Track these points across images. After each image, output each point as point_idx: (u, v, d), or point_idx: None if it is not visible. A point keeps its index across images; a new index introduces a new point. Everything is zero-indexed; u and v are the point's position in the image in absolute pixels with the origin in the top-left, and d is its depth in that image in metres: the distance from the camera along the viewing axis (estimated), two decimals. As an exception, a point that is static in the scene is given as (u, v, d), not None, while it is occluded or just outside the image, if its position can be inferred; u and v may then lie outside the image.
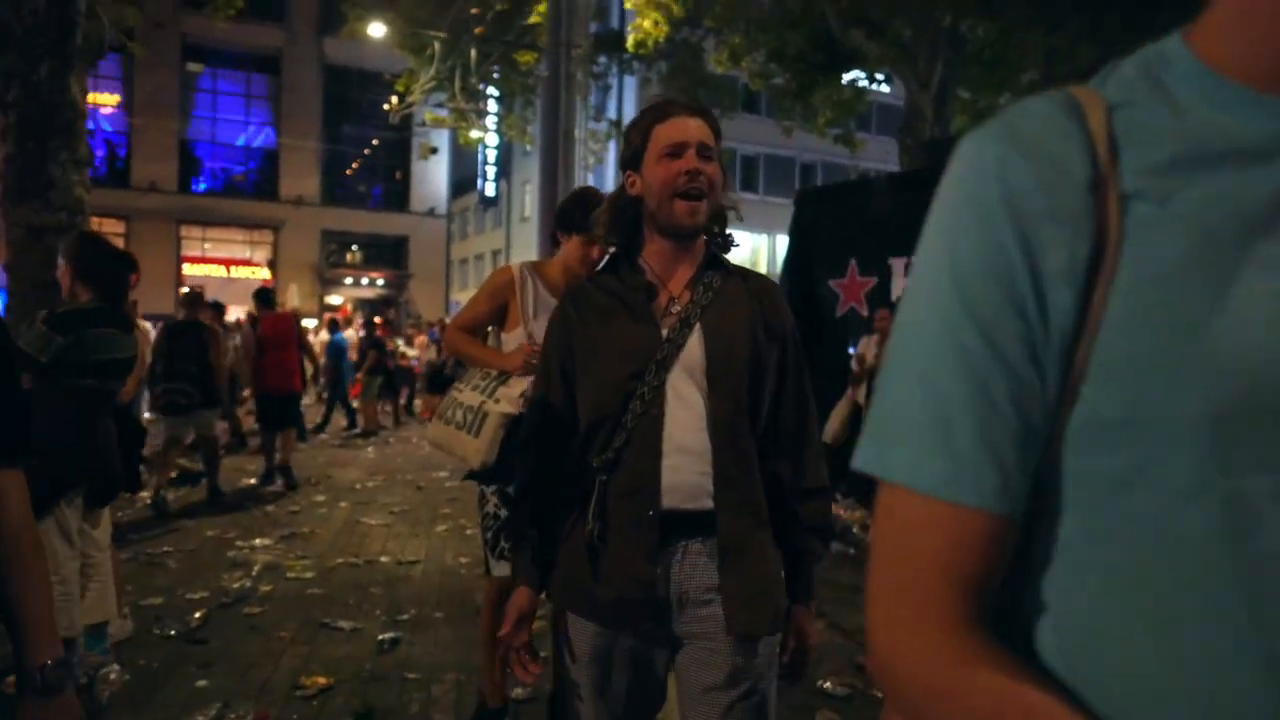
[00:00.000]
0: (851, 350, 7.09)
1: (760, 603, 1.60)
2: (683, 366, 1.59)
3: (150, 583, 4.80)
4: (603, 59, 17.20)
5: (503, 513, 2.82)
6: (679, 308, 1.64)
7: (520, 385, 2.73)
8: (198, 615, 4.26)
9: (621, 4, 17.01)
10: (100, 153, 23.33)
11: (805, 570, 1.72)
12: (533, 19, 14.72)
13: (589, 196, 2.86)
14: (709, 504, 1.58)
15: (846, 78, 12.08)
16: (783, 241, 28.93)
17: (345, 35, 17.74)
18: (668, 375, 1.59)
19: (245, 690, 3.48)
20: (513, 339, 2.86)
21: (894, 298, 6.94)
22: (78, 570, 3.45)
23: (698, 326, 1.61)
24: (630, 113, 22.71)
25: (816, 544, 1.71)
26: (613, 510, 1.59)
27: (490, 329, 3.06)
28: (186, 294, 7.80)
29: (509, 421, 2.69)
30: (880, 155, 23.89)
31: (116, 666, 3.48)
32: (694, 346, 1.60)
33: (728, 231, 1.76)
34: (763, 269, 29.63)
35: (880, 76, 12.98)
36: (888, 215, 7.22)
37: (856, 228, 7.45)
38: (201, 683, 3.53)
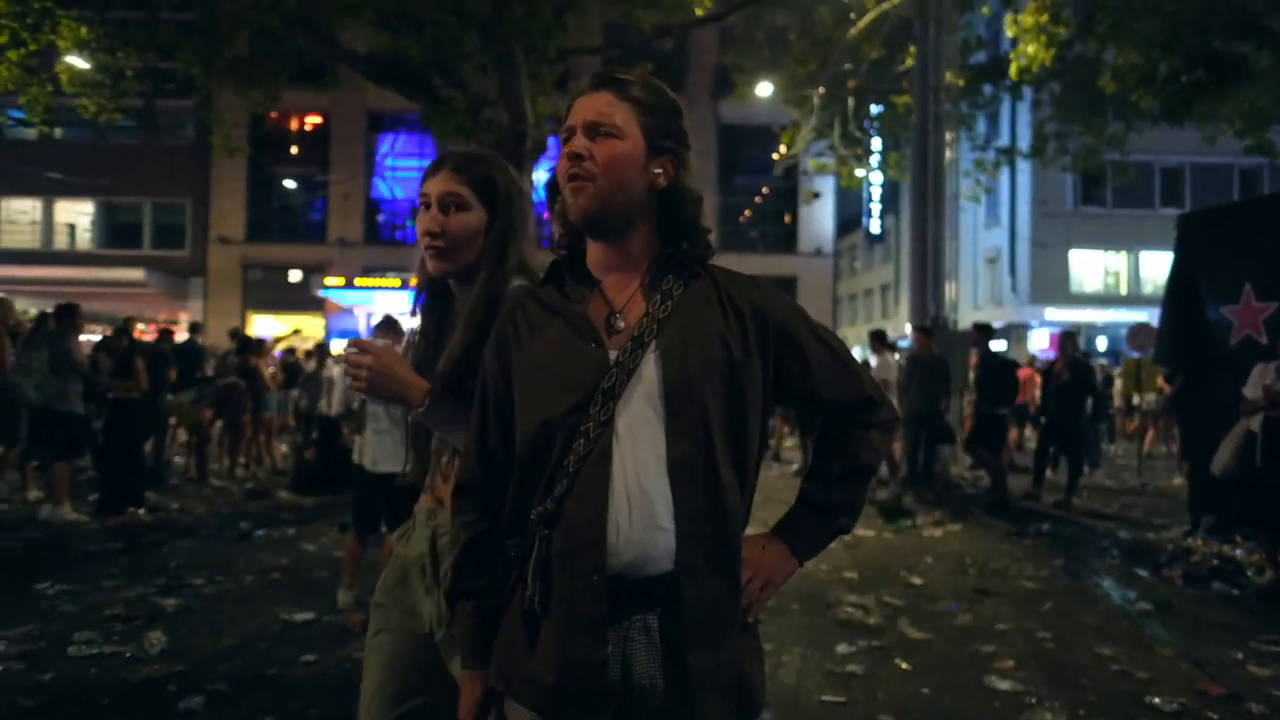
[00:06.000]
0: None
1: (732, 691, 1.35)
2: (637, 395, 1.33)
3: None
4: (988, 88, 16.93)
5: None
6: (624, 323, 1.38)
7: None
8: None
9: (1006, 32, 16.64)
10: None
11: (801, 518, 1.49)
12: (907, 63, 15.12)
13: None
14: (669, 566, 1.29)
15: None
16: (1146, 259, 25.09)
17: (736, 98, 19.56)
18: (617, 406, 1.32)
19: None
20: None
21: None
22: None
23: (653, 345, 1.34)
24: (1024, 140, 21.68)
25: (835, 504, 1.48)
26: (554, 573, 1.31)
27: None
28: None
29: None
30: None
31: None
32: (649, 370, 1.33)
33: (702, 224, 1.46)
34: (1124, 290, 26.08)
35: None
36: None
37: (1251, 251, 6.91)
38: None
